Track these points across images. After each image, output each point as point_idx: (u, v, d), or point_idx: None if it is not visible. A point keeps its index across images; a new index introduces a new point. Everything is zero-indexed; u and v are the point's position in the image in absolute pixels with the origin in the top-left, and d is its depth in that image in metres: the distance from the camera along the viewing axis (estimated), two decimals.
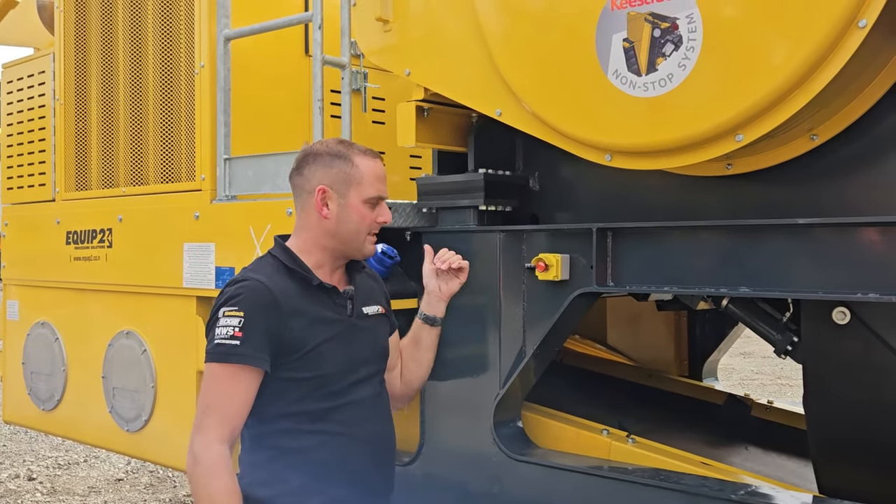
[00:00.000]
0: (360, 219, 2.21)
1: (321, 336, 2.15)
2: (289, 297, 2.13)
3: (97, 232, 3.92)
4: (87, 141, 4.05)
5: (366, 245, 2.26)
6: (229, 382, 2.06)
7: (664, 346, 4.32)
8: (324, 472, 2.16)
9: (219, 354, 2.06)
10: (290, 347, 2.11)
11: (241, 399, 2.07)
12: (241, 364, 2.05)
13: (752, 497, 2.37)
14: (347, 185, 2.20)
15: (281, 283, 2.14)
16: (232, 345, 2.05)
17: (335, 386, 2.18)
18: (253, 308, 2.08)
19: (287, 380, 2.12)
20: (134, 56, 3.79)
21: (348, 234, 2.22)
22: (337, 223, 2.21)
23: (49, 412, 4.28)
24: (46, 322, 4.28)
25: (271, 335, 2.08)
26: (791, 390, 9.79)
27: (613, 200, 2.91)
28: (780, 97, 2.16)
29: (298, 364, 2.12)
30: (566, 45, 2.53)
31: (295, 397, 2.14)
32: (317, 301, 2.18)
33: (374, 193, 2.23)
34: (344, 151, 2.23)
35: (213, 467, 2.01)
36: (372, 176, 2.24)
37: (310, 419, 2.15)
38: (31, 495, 6.04)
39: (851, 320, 2.35)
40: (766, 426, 3.73)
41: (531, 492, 2.80)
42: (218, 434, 2.03)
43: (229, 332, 2.05)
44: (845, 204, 2.43)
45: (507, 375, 2.88)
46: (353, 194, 2.20)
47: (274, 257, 2.22)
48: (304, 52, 3.68)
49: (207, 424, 2.04)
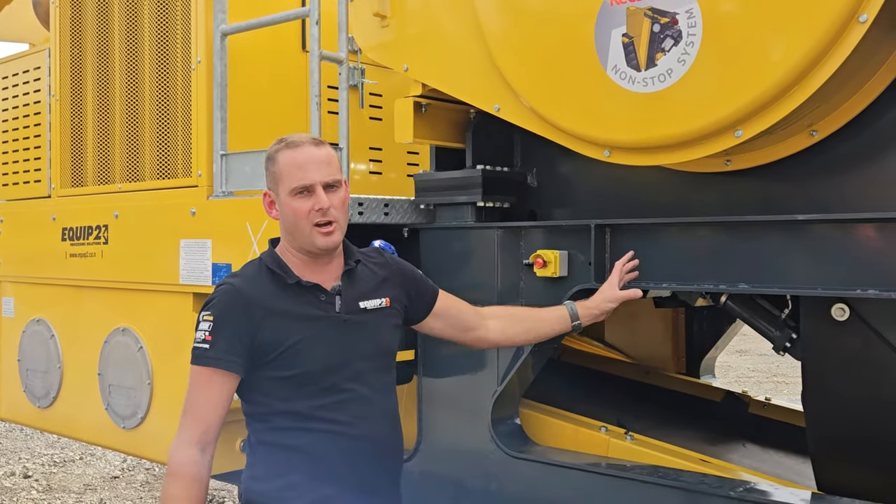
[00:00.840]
0: (294, 213, 2.17)
1: (298, 334, 2.15)
2: (265, 297, 2.15)
3: (93, 228, 3.91)
4: (83, 137, 4.03)
5: (315, 237, 2.17)
6: (202, 385, 2.12)
7: (662, 343, 4.32)
8: (318, 468, 2.16)
9: (194, 357, 2.13)
10: (267, 348, 2.13)
11: (213, 401, 2.12)
12: (211, 367, 2.11)
13: (750, 494, 2.37)
14: (275, 183, 2.21)
15: (259, 284, 2.18)
16: (203, 348, 2.11)
17: (323, 383, 2.17)
18: (222, 312, 2.13)
19: (273, 379, 2.15)
20: (130, 52, 3.78)
21: (294, 230, 2.19)
22: (283, 222, 2.23)
23: (45, 409, 4.27)
24: (42, 319, 4.26)
25: (242, 336, 2.11)
26: (787, 388, 9.81)
27: (612, 197, 2.90)
28: (780, 93, 2.15)
29: (279, 363, 2.13)
30: (565, 41, 2.52)
31: (284, 396, 2.16)
32: (297, 300, 2.19)
33: (295, 184, 2.15)
34: (272, 151, 2.23)
35: (176, 469, 2.09)
36: (290, 167, 2.17)
37: (300, 416, 2.15)
38: (26, 493, 6.03)
39: (850, 317, 2.35)
40: (764, 423, 3.73)
41: (529, 489, 2.80)
42: (189, 436, 2.10)
43: (202, 335, 2.12)
44: (845, 200, 2.42)
45: (504, 372, 2.88)
46: (281, 191, 2.20)
47: (260, 259, 2.26)
48: (302, 47, 3.66)
49: (182, 425, 2.12)
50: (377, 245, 3.05)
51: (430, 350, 3.09)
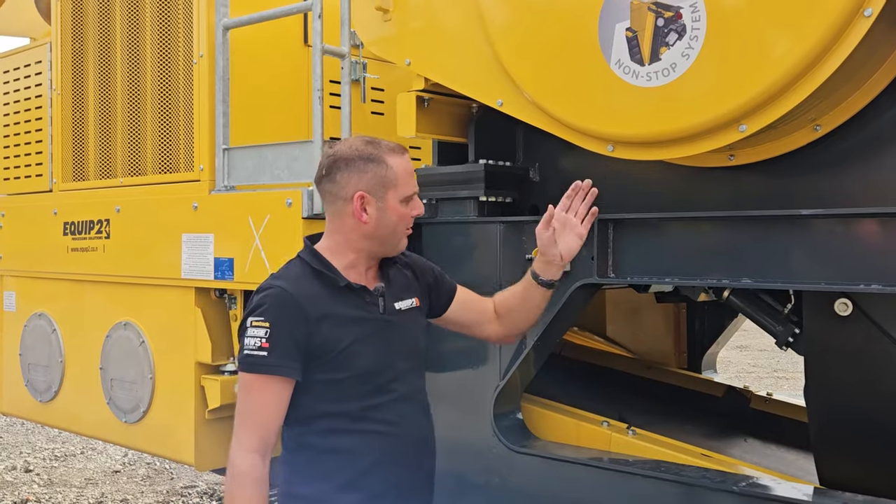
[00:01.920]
0: (399, 219, 2.20)
1: (352, 336, 2.14)
2: (315, 300, 2.12)
3: (95, 223, 3.91)
4: (85, 131, 4.02)
5: (402, 242, 2.26)
6: (260, 392, 2.09)
7: (663, 338, 4.32)
8: (363, 471, 2.16)
9: (248, 364, 2.09)
10: (320, 350, 2.10)
11: (272, 408, 2.10)
12: (269, 374, 2.08)
13: (753, 488, 2.37)
14: (384, 187, 2.16)
15: (307, 286, 2.14)
16: (260, 356, 2.07)
17: (371, 384, 2.17)
18: (278, 317, 2.08)
19: (323, 381, 2.12)
20: (132, 46, 3.77)
21: (387, 236, 2.20)
22: (376, 226, 2.18)
23: (46, 404, 4.27)
24: (44, 313, 4.26)
25: (298, 341, 2.08)
26: (788, 383, 9.81)
27: (615, 191, 2.89)
28: (784, 87, 2.15)
29: (332, 365, 2.11)
30: (568, 35, 2.52)
31: (332, 398, 2.13)
32: (346, 301, 2.16)
33: (410, 192, 2.21)
34: (375, 153, 2.18)
35: (241, 477, 2.06)
36: (406, 174, 2.20)
37: (350, 419, 2.14)
38: (27, 487, 6.03)
39: (853, 312, 2.35)
40: (766, 418, 3.73)
41: (531, 483, 2.80)
42: (249, 444, 2.07)
43: (256, 342, 2.07)
44: (848, 195, 2.42)
45: (507, 367, 2.87)
46: (390, 196, 2.17)
47: (301, 260, 2.20)
48: (304, 41, 3.66)
49: (241, 434, 2.08)
50: None
51: (433, 345, 3.08)
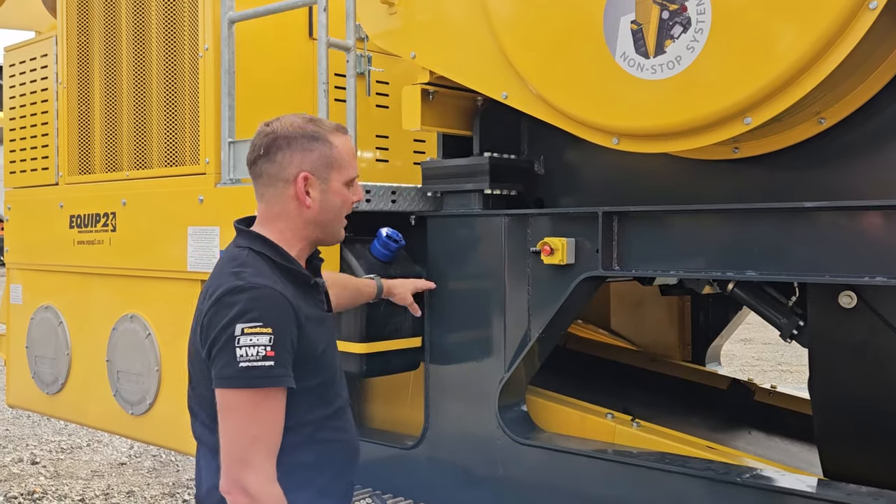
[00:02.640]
0: (343, 203, 2.04)
1: (324, 338, 2.02)
2: (297, 300, 1.94)
3: (101, 216, 3.92)
4: (91, 124, 4.03)
5: (341, 229, 2.09)
6: (269, 408, 1.86)
7: (667, 331, 4.33)
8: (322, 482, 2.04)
9: (253, 379, 1.82)
10: (304, 355, 1.94)
11: (281, 424, 1.89)
12: (278, 387, 1.86)
13: (757, 480, 2.38)
14: (328, 168, 2.01)
15: (281, 283, 1.94)
16: (266, 367, 1.82)
17: (333, 389, 2.05)
18: (277, 321, 1.86)
19: (298, 390, 1.92)
20: (137, 39, 3.78)
21: (328, 221, 2.04)
22: (319, 211, 2.01)
23: (53, 396, 4.29)
24: (50, 306, 4.28)
25: (294, 347, 1.91)
26: (792, 376, 9.81)
27: (619, 184, 2.90)
28: (789, 80, 2.15)
29: (308, 371, 1.95)
30: (573, 28, 2.52)
31: (304, 407, 1.96)
32: (311, 300, 2.02)
33: (353, 174, 2.06)
34: (319, 131, 2.01)
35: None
36: (349, 155, 2.05)
37: (313, 428, 2.00)
38: (34, 479, 6.06)
39: (858, 304, 2.35)
40: (770, 411, 3.74)
41: (536, 475, 2.81)
42: (270, 470, 1.85)
43: (259, 351, 1.82)
44: (852, 187, 2.43)
45: (511, 359, 2.89)
46: (334, 178, 2.02)
47: (259, 254, 1.98)
48: (309, 34, 3.66)
49: (258, 460, 1.84)
50: (384, 233, 3.07)
51: (438, 337, 3.10)
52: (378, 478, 3.18)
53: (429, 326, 3.10)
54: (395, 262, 3.10)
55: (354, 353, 2.98)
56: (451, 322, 3.06)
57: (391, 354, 3.06)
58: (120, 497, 5.72)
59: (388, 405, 3.47)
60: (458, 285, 3.06)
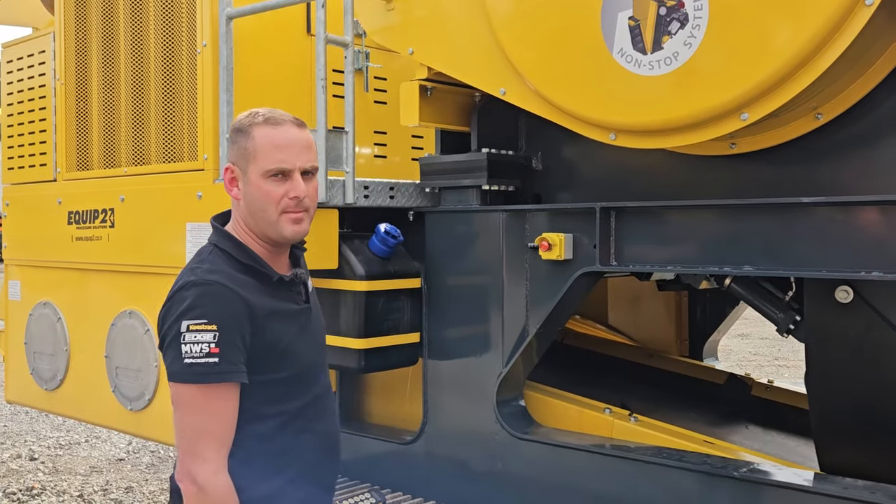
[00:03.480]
0: (264, 196, 1.97)
1: (290, 332, 2.00)
2: (253, 295, 1.94)
3: (99, 212, 3.92)
4: (89, 121, 4.03)
5: (283, 225, 1.98)
6: (216, 403, 1.90)
7: (665, 326, 4.34)
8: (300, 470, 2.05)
9: (197, 375, 1.87)
10: (264, 349, 1.95)
11: (232, 418, 1.93)
12: (224, 383, 1.89)
13: (754, 474, 2.39)
14: (245, 160, 1.98)
15: (240, 280, 1.95)
16: (210, 363, 1.86)
17: (305, 381, 2.06)
18: (223, 318, 1.88)
19: (262, 382, 1.96)
20: (135, 35, 3.78)
21: (258, 215, 1.98)
22: (246, 204, 1.99)
23: (52, 392, 4.29)
24: (49, 302, 4.28)
25: (245, 342, 1.91)
26: (789, 371, 9.83)
27: (616, 180, 2.91)
28: (786, 75, 2.17)
29: (271, 364, 1.97)
30: (571, 24, 2.53)
31: (270, 398, 1.99)
32: (279, 295, 2.01)
33: (272, 166, 1.96)
34: (245, 124, 1.99)
35: (223, 500, 1.90)
36: (269, 146, 1.97)
37: (285, 419, 2.02)
38: (32, 475, 6.07)
39: (854, 299, 2.37)
40: (767, 405, 3.76)
41: (534, 470, 2.82)
42: (218, 461, 1.90)
43: (203, 349, 1.86)
44: (849, 183, 2.44)
45: (509, 354, 2.90)
46: (251, 170, 1.97)
47: (224, 252, 2.00)
48: (307, 31, 3.66)
49: (206, 452, 1.90)
50: (383, 229, 3.08)
51: (436, 332, 3.11)
52: (377, 473, 3.19)
53: (427, 322, 3.11)
54: (393, 258, 3.11)
55: (353, 349, 2.99)
56: (449, 317, 3.07)
57: (390, 350, 3.07)
58: (119, 493, 5.73)
59: (386, 400, 3.48)
60: (456, 281, 3.07)
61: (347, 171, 3.02)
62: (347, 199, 3.02)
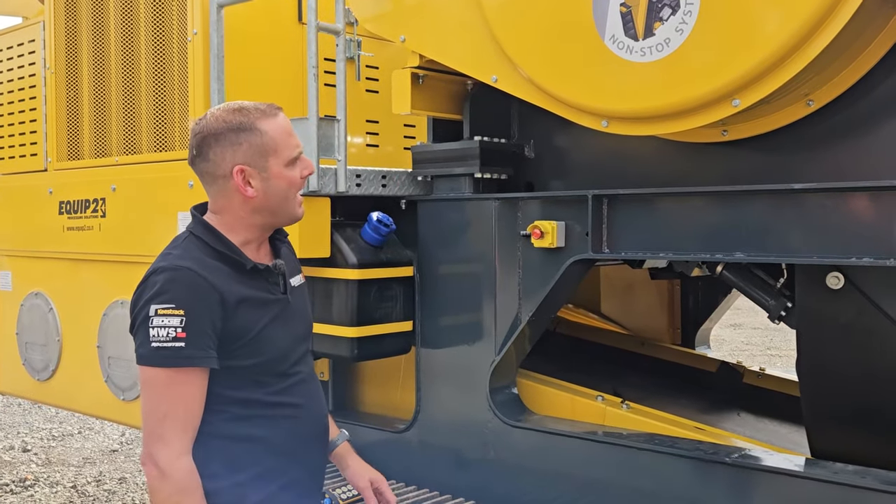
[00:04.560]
0: (289, 184, 2.03)
1: (263, 320, 2.02)
2: (226, 283, 1.97)
3: (90, 202, 3.91)
4: (79, 110, 4.02)
5: (297, 207, 2.07)
6: (181, 387, 1.92)
7: (657, 314, 4.35)
8: (278, 456, 2.07)
9: (163, 358, 1.90)
10: (234, 336, 1.97)
11: (198, 402, 1.95)
12: (190, 367, 1.92)
13: (745, 460, 2.40)
14: (264, 156, 2.00)
15: (213, 267, 1.98)
16: (176, 347, 1.89)
17: (280, 368, 2.07)
18: (191, 303, 1.91)
19: (233, 368, 1.99)
20: (125, 24, 3.76)
21: (277, 205, 2.03)
22: (264, 198, 2.02)
23: (44, 382, 4.29)
24: (40, 292, 4.27)
25: (216, 328, 1.94)
26: (780, 360, 9.87)
27: (609, 167, 2.91)
28: (777, 61, 2.17)
29: (243, 351, 1.99)
30: (563, 10, 2.52)
31: (242, 384, 2.02)
32: (252, 283, 2.03)
33: (292, 154, 2.03)
34: (244, 121, 2.00)
35: (185, 484, 1.92)
36: (283, 136, 2.02)
37: (262, 405, 2.04)
38: (26, 466, 6.07)
39: (845, 285, 2.37)
40: (758, 393, 3.77)
41: (527, 457, 2.83)
42: (182, 445, 1.93)
43: (170, 333, 1.89)
44: (840, 169, 2.44)
45: (502, 342, 2.90)
46: (272, 164, 2.00)
47: (199, 239, 2.02)
48: (298, 19, 3.65)
49: (169, 435, 1.92)
50: (375, 217, 3.07)
51: (429, 321, 3.11)
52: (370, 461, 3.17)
53: (419, 310, 3.11)
54: (385, 247, 3.10)
55: (345, 338, 2.99)
56: (441, 306, 3.07)
57: (382, 338, 3.07)
58: (112, 484, 5.74)
59: (379, 389, 3.48)
60: (448, 269, 3.06)
61: (339, 160, 3.01)
62: (339, 187, 3.01)
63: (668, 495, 2.51)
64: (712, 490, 2.44)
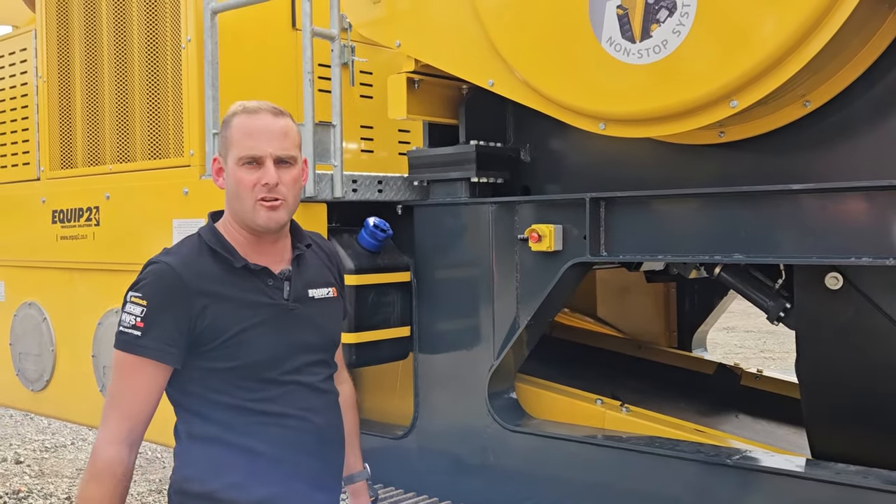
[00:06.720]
0: (237, 183, 1.97)
1: (244, 322, 1.96)
2: (206, 280, 1.95)
3: (84, 210, 3.88)
4: (72, 118, 4.00)
5: (257, 212, 1.97)
6: (131, 375, 1.93)
7: (653, 318, 4.35)
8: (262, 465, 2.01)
9: (121, 342, 1.93)
10: (207, 335, 1.94)
11: (144, 395, 1.92)
12: (142, 357, 1.91)
13: (746, 461, 2.40)
14: (226, 149, 2.01)
15: (200, 264, 1.97)
16: (133, 335, 1.90)
17: (267, 374, 2.00)
18: (156, 296, 1.91)
19: (212, 369, 1.95)
20: (118, 31, 3.74)
21: (235, 203, 2.00)
22: (228, 192, 2.02)
23: (38, 393, 4.25)
24: (34, 302, 4.24)
25: (180, 324, 1.91)
26: (775, 363, 9.88)
27: (606, 170, 2.91)
28: (774, 62, 2.17)
29: (220, 353, 1.95)
30: (559, 13, 2.53)
31: (224, 387, 1.97)
32: (242, 284, 1.99)
33: (244, 153, 1.96)
34: (229, 115, 2.03)
35: (101, 471, 1.89)
36: (242, 134, 1.98)
37: (243, 410, 1.98)
38: (19, 478, 6.02)
39: (844, 285, 2.37)
40: (756, 394, 3.77)
41: (526, 462, 2.82)
42: (118, 432, 1.91)
43: (132, 320, 1.91)
44: (838, 169, 2.44)
45: (500, 347, 2.89)
46: (230, 158, 1.99)
47: (199, 236, 2.03)
48: (292, 25, 3.64)
49: (109, 420, 1.93)
50: (371, 222, 3.06)
51: (426, 326, 3.10)
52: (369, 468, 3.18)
53: (417, 315, 3.10)
54: (382, 252, 3.10)
55: (343, 343, 2.98)
56: (439, 311, 3.06)
57: (380, 344, 3.06)
58: None
59: (377, 395, 3.47)
60: (446, 274, 3.06)
61: (335, 165, 3.00)
62: (336, 193, 3.00)
63: (670, 498, 2.50)
64: (714, 492, 2.43)
